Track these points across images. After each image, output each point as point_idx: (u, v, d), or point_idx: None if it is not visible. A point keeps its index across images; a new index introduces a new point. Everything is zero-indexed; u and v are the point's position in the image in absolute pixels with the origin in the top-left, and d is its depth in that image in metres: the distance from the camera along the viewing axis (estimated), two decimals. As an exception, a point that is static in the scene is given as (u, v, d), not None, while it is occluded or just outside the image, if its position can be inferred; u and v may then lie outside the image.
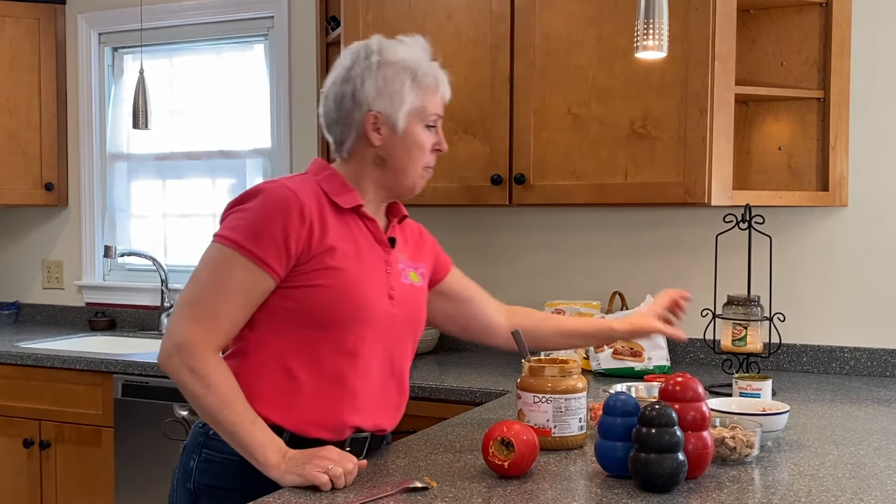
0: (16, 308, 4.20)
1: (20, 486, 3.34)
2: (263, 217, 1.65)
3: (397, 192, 1.83)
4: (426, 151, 1.80)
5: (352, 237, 1.73)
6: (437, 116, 1.81)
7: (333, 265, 1.67)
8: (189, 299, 1.66)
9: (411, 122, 1.76)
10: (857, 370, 2.84)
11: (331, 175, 1.77)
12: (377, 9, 3.00)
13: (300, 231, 1.65)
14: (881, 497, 1.54)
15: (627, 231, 3.12)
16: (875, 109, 2.81)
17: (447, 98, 1.83)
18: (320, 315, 1.67)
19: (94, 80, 4.05)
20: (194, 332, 1.62)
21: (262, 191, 1.68)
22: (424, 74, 1.77)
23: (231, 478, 1.70)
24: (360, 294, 1.69)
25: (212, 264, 1.66)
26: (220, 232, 1.67)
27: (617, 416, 1.62)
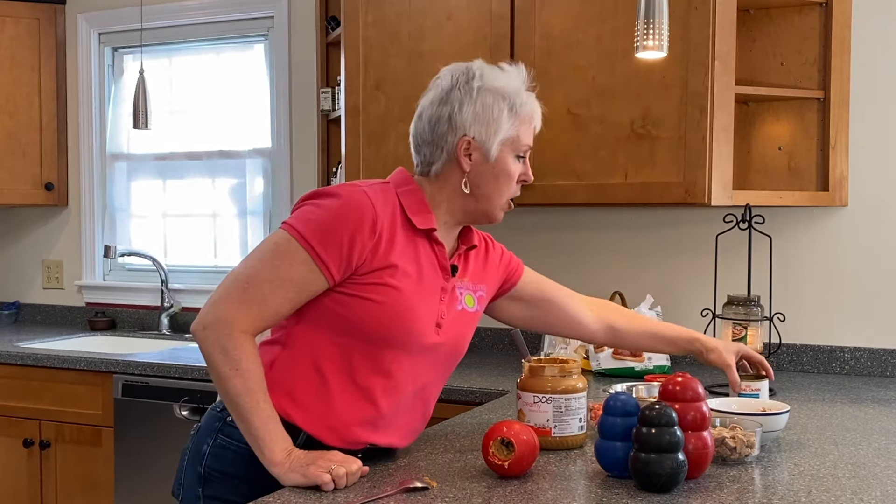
0: (16, 308, 4.20)
1: (20, 486, 3.34)
2: (335, 219, 1.63)
3: (476, 219, 1.81)
4: (513, 182, 1.78)
5: (416, 258, 1.71)
6: (528, 147, 1.80)
7: (392, 283, 1.66)
8: (242, 277, 1.64)
9: (504, 150, 1.75)
10: (857, 370, 2.84)
11: (412, 190, 1.75)
12: (377, 9, 3.00)
13: (366, 242, 1.64)
14: (881, 497, 1.55)
15: (627, 231, 3.12)
16: (875, 109, 2.81)
17: (538, 129, 1.82)
18: (365, 329, 1.66)
19: (94, 80, 4.05)
20: (238, 313, 1.61)
21: (341, 193, 1.67)
22: (522, 104, 1.76)
23: (243, 467, 1.69)
24: (410, 318, 1.67)
25: (274, 249, 1.64)
26: (290, 221, 1.66)
27: (617, 416, 1.62)
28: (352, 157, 3.04)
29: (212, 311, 1.62)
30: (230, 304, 1.62)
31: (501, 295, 1.98)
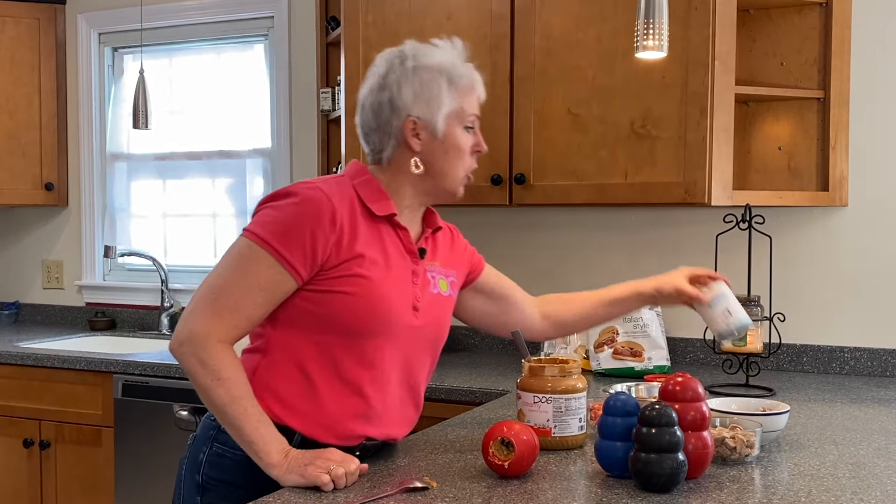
0: (16, 308, 4.20)
1: (20, 486, 3.34)
2: (294, 218, 1.64)
3: (437, 197, 1.82)
4: (465, 154, 1.79)
5: (381, 245, 1.72)
6: (475, 117, 1.80)
7: (360, 273, 1.66)
8: (211, 289, 1.65)
9: (450, 124, 1.76)
10: (857, 370, 2.84)
11: (367, 180, 1.76)
12: (377, 9, 3.00)
13: (329, 236, 1.64)
14: (881, 497, 1.55)
15: (627, 231, 3.12)
16: (875, 109, 2.81)
17: (483, 98, 1.83)
18: (342, 322, 1.66)
19: (94, 80, 4.05)
20: (211, 324, 1.62)
21: (296, 192, 1.68)
22: (460, 76, 1.76)
23: (240, 474, 1.69)
24: (384, 305, 1.68)
25: (238, 258, 1.65)
26: (250, 227, 1.66)
27: (617, 416, 1.62)
28: (352, 157, 3.03)
29: (185, 326, 1.63)
30: (202, 316, 1.62)
31: (466, 286, 1.99)
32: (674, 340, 2.99)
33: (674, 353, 2.98)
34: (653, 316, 2.83)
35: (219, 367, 1.60)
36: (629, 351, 2.78)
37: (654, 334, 2.80)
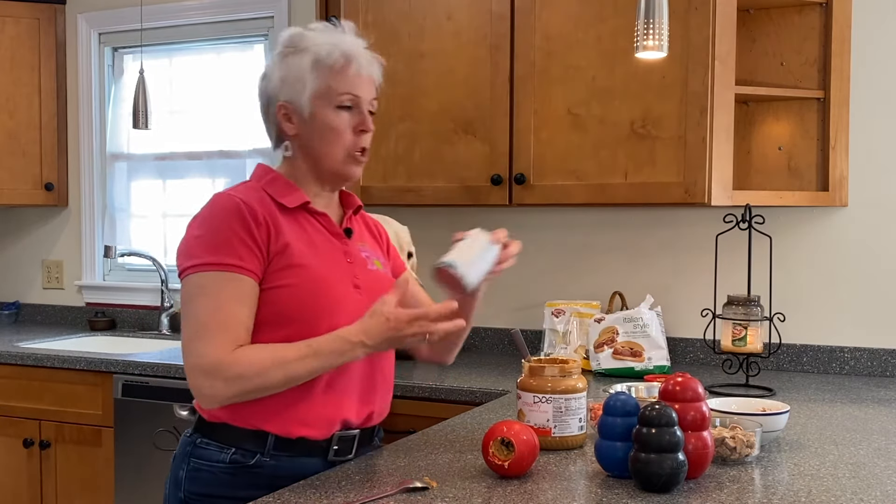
0: (16, 308, 4.20)
1: (20, 486, 3.33)
2: (223, 228, 1.65)
3: (328, 181, 1.79)
4: (343, 134, 1.73)
5: (305, 234, 1.73)
6: (352, 95, 1.73)
7: (294, 263, 1.68)
8: (192, 331, 1.63)
9: (317, 105, 1.73)
10: (857, 370, 2.84)
11: (273, 178, 1.77)
12: (377, 9, 3.00)
13: (260, 230, 1.66)
14: (881, 497, 1.55)
15: (627, 231, 3.12)
16: (875, 109, 2.81)
17: (369, 74, 1.76)
18: (290, 314, 1.67)
19: (94, 80, 4.05)
20: (215, 350, 1.60)
21: (209, 208, 1.69)
22: (328, 54, 1.72)
23: (219, 485, 1.70)
24: (325, 288, 1.69)
25: (197, 294, 1.64)
26: (190, 263, 1.65)
27: (617, 416, 1.62)
28: (352, 157, 3.04)
29: (195, 376, 1.63)
30: (202, 353, 1.61)
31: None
32: (674, 340, 3.00)
33: (674, 353, 2.98)
34: (653, 316, 2.83)
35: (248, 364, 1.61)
36: (629, 351, 2.78)
37: (654, 334, 2.80)
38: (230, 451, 1.70)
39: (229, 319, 1.62)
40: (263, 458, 1.69)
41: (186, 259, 1.66)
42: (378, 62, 1.80)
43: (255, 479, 1.69)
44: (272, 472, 1.69)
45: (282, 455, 1.70)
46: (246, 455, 1.69)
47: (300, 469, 1.70)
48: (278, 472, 1.69)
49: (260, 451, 1.69)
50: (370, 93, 1.77)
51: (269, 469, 1.70)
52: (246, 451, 1.70)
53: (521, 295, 3.25)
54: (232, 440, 1.70)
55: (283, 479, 1.68)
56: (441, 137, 2.93)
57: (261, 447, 1.69)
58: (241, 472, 1.69)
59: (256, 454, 1.69)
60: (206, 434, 1.73)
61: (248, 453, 1.69)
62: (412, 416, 2.61)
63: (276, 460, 1.70)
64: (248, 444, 1.70)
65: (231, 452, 1.70)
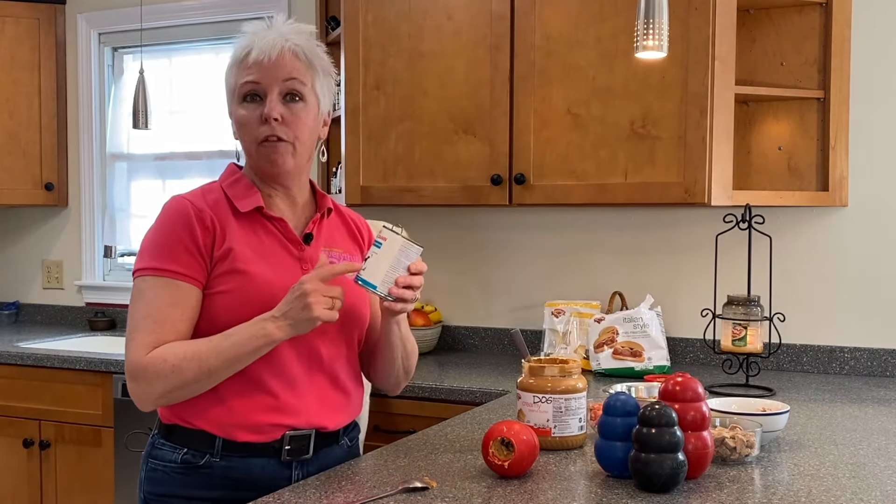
0: (16, 308, 4.20)
1: (20, 486, 3.33)
2: (165, 232, 1.66)
3: (264, 177, 1.76)
4: (250, 126, 1.71)
5: (257, 239, 1.70)
6: (252, 84, 1.69)
7: (235, 268, 1.66)
8: (126, 336, 1.66)
9: (232, 104, 1.75)
10: (857, 370, 2.84)
11: (237, 179, 1.76)
12: (377, 9, 3.00)
13: (205, 234, 1.65)
14: (881, 497, 1.55)
15: (627, 231, 3.12)
16: (875, 109, 2.81)
17: (274, 57, 1.68)
18: (228, 319, 1.64)
19: (94, 80, 4.05)
20: (134, 353, 1.62)
21: (161, 211, 1.71)
22: (239, 50, 1.73)
23: (173, 485, 1.71)
24: (265, 297, 1.64)
25: (137, 296, 1.66)
26: (136, 266, 1.68)
27: (617, 416, 1.62)
28: (352, 157, 3.04)
29: (128, 382, 1.65)
30: (130, 355, 1.63)
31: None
32: (674, 340, 3.00)
33: (674, 353, 2.98)
34: (653, 316, 2.83)
35: (162, 360, 1.60)
36: (629, 351, 2.78)
37: (654, 334, 2.80)
38: (182, 451, 1.70)
39: (156, 324, 1.62)
40: (213, 459, 1.68)
41: (136, 261, 1.69)
42: (300, 36, 1.73)
43: (206, 479, 1.68)
44: (223, 472, 1.68)
45: (232, 456, 1.68)
46: (196, 455, 1.69)
47: (252, 469, 1.68)
48: (230, 473, 1.68)
49: (209, 451, 1.68)
50: (283, 73, 1.69)
51: (220, 469, 1.68)
52: (196, 451, 1.69)
53: (521, 295, 3.25)
54: (184, 441, 1.70)
55: (235, 479, 1.67)
56: (441, 137, 2.93)
57: (210, 447, 1.68)
58: (193, 473, 1.69)
59: (206, 454, 1.68)
60: (164, 435, 1.74)
61: (198, 454, 1.69)
62: (412, 416, 2.61)
63: (226, 461, 1.68)
64: (198, 444, 1.69)
65: (182, 453, 1.70)
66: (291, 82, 1.71)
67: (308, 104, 1.73)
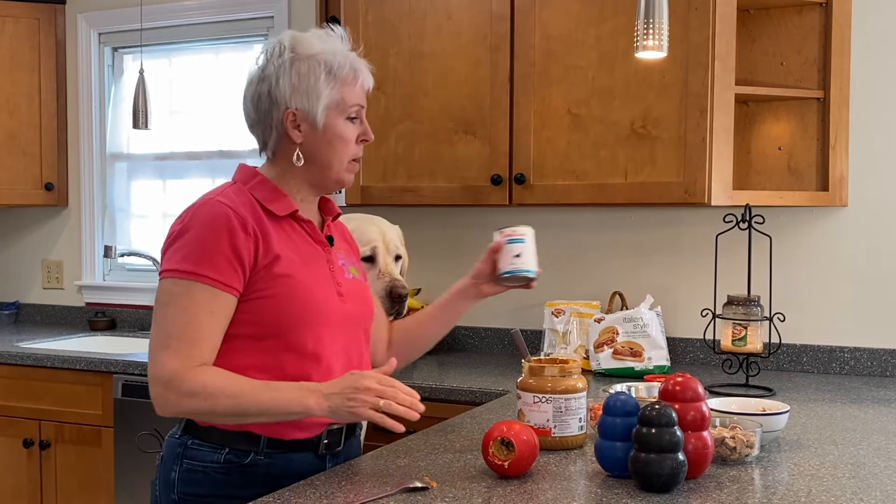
0: (16, 308, 4.20)
1: (20, 486, 3.33)
2: (209, 238, 1.63)
3: (324, 188, 1.81)
4: (350, 144, 1.77)
5: (292, 243, 1.73)
6: (359, 107, 1.78)
7: (282, 273, 1.67)
8: (159, 340, 1.64)
9: (330, 115, 1.74)
10: (857, 370, 2.84)
11: (261, 182, 1.76)
12: (377, 9, 3.00)
13: (248, 243, 1.64)
14: (881, 497, 1.55)
15: (627, 231, 3.12)
16: (875, 109, 2.81)
17: (368, 86, 1.79)
18: (277, 324, 1.66)
19: (94, 80, 4.05)
20: (175, 364, 1.61)
21: (197, 214, 1.67)
22: (340, 66, 1.74)
23: (213, 485, 1.71)
24: (312, 297, 1.69)
25: (170, 300, 1.64)
26: (169, 266, 1.66)
27: (617, 416, 1.62)
28: (352, 157, 3.03)
29: (156, 383, 1.64)
30: (163, 364, 1.62)
31: None
32: (674, 340, 2.99)
33: (674, 353, 2.98)
34: (653, 316, 2.83)
35: (202, 384, 1.60)
36: (629, 351, 2.78)
37: (654, 334, 2.80)
38: (224, 451, 1.70)
39: (196, 334, 1.62)
40: (258, 457, 1.70)
41: (166, 261, 1.67)
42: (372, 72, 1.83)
43: (250, 477, 1.69)
44: (267, 469, 1.70)
45: (275, 453, 1.70)
46: (240, 455, 1.70)
47: (293, 465, 1.71)
48: (272, 470, 1.70)
49: (254, 450, 1.70)
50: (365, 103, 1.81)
51: (264, 467, 1.70)
52: (240, 450, 1.70)
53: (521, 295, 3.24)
54: (225, 441, 1.70)
55: (277, 476, 1.69)
56: (441, 137, 2.93)
57: (254, 446, 1.70)
58: (236, 472, 1.69)
59: (251, 453, 1.70)
60: (198, 435, 1.73)
61: (242, 453, 1.70)
62: (412, 416, 2.61)
63: (270, 458, 1.70)
64: (242, 444, 1.70)
65: (225, 453, 1.70)
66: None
67: None
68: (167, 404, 1.64)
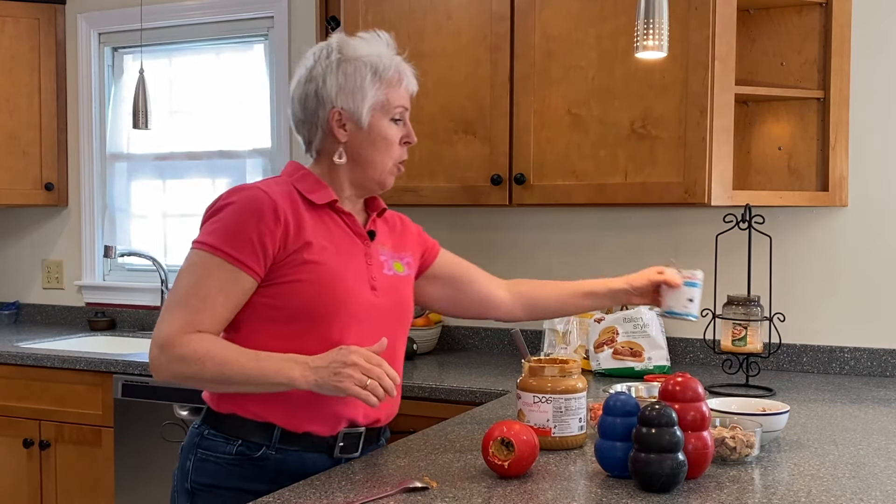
0: (16, 308, 4.20)
1: (20, 486, 3.33)
2: (238, 220, 1.67)
3: (367, 188, 1.84)
4: (394, 145, 1.81)
5: (328, 232, 1.75)
6: (403, 109, 1.82)
7: (312, 259, 1.69)
8: (169, 303, 1.69)
9: (375, 116, 1.78)
10: (857, 370, 2.84)
11: (304, 175, 1.80)
12: (377, 9, 3.00)
13: (275, 230, 1.67)
14: (881, 497, 1.55)
15: (627, 231, 3.12)
16: (875, 109, 2.81)
17: (413, 90, 1.84)
18: (303, 309, 1.69)
19: (94, 80, 4.05)
20: (173, 328, 1.65)
21: (235, 195, 1.71)
22: (386, 68, 1.78)
23: (224, 476, 1.72)
24: (341, 286, 1.71)
25: (190, 268, 1.69)
26: (198, 238, 1.71)
27: (617, 416, 1.62)
28: (352, 157, 3.04)
29: (153, 343, 1.67)
30: (164, 326, 1.66)
31: (420, 273, 2.01)
32: (674, 340, 2.99)
33: (674, 353, 2.98)
34: (653, 316, 2.83)
35: (193, 350, 1.63)
36: (629, 351, 2.78)
37: (654, 334, 2.80)
38: (236, 442, 1.72)
39: (201, 304, 1.65)
40: (269, 451, 1.71)
41: (199, 233, 1.72)
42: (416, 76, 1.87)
43: (259, 471, 1.71)
44: (277, 465, 1.71)
45: (287, 449, 1.71)
46: (252, 447, 1.71)
47: (305, 464, 1.72)
48: (283, 467, 1.71)
49: (266, 443, 1.71)
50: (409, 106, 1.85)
51: (275, 462, 1.71)
52: (252, 443, 1.71)
53: (521, 295, 3.24)
54: (239, 432, 1.72)
55: (287, 473, 1.70)
56: (441, 137, 2.93)
57: (267, 440, 1.71)
58: (247, 464, 1.71)
59: (262, 447, 1.71)
60: (214, 425, 1.75)
61: (254, 445, 1.71)
62: (412, 416, 2.61)
63: (281, 454, 1.71)
64: (255, 436, 1.71)
65: (237, 444, 1.72)
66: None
67: None
68: (160, 367, 1.66)
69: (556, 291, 2.15)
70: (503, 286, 2.13)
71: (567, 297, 2.14)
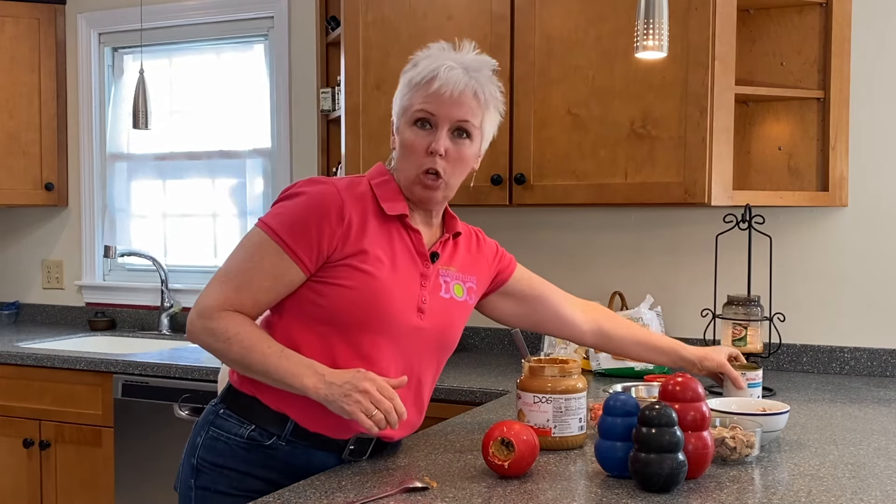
0: (16, 308, 4.20)
1: (20, 486, 3.34)
2: (303, 211, 1.67)
3: (411, 199, 1.78)
4: (415, 152, 1.72)
5: (389, 246, 1.72)
6: (425, 112, 1.71)
7: (363, 269, 1.68)
8: (218, 273, 1.72)
9: (402, 122, 1.76)
10: (857, 370, 2.84)
11: (386, 181, 1.77)
12: (377, 9, 3.00)
13: (336, 229, 1.67)
14: (881, 497, 1.55)
15: (627, 231, 3.12)
16: (875, 109, 2.81)
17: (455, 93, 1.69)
18: (341, 314, 1.68)
19: (94, 80, 4.05)
20: (216, 299, 1.67)
21: (310, 186, 1.71)
22: (419, 72, 1.74)
23: (232, 457, 1.72)
24: (384, 302, 1.69)
25: (247, 245, 1.71)
26: (263, 218, 1.71)
27: (617, 416, 1.62)
28: (352, 157, 3.04)
29: (194, 308, 1.70)
30: (209, 293, 1.69)
31: (493, 291, 1.99)
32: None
33: (674, 353, 2.97)
34: (653, 316, 2.83)
35: (225, 327, 1.65)
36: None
37: (654, 334, 2.80)
38: (249, 426, 1.72)
39: (245, 284, 1.67)
40: (279, 442, 1.71)
41: (268, 214, 1.72)
42: (483, 74, 1.74)
43: (267, 459, 1.71)
44: (285, 457, 1.71)
45: (297, 443, 1.71)
46: (263, 434, 1.71)
47: (312, 461, 1.71)
48: (291, 459, 1.71)
49: (278, 433, 1.71)
50: (459, 113, 1.71)
51: (283, 453, 1.71)
52: (264, 430, 1.71)
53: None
54: (254, 417, 1.72)
55: (294, 466, 1.70)
56: (441, 137, 2.92)
57: (279, 430, 1.71)
58: (256, 450, 1.71)
59: (274, 436, 1.71)
60: (230, 405, 1.76)
61: (266, 433, 1.71)
62: (412, 416, 2.61)
63: (291, 446, 1.71)
64: (268, 424, 1.71)
65: (250, 428, 1.72)
66: (464, 123, 1.74)
67: (473, 142, 1.77)
68: (193, 332, 1.69)
69: (629, 334, 2.14)
70: (580, 307, 2.11)
71: (636, 343, 2.13)
